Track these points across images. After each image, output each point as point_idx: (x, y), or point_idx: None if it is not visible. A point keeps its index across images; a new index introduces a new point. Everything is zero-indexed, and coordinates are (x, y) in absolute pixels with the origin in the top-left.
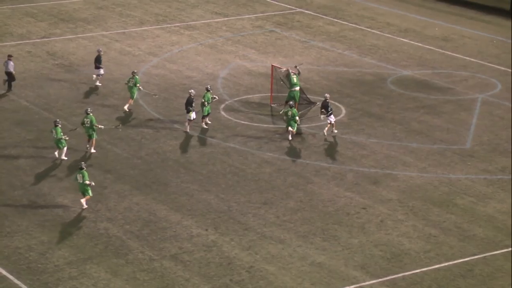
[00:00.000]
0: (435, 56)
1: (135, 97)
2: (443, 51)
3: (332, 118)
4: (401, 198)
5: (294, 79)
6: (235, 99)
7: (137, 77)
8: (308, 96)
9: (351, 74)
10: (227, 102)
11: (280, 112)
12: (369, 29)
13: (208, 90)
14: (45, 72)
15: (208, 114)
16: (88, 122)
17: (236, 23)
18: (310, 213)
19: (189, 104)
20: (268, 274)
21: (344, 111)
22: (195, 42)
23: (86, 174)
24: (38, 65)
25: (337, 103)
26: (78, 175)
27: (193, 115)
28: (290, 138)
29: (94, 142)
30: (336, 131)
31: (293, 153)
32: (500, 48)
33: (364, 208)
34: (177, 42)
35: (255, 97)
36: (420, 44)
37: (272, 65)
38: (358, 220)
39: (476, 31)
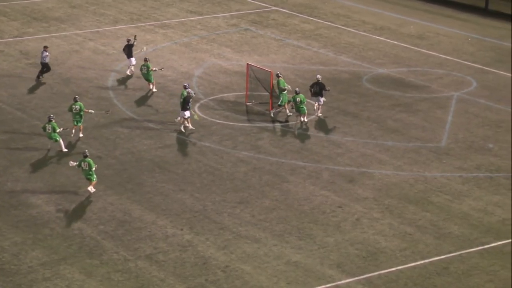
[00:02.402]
0: (411, 54)
1: (152, 80)
2: (418, 49)
3: (321, 101)
4: (376, 197)
5: (281, 82)
6: (210, 98)
7: (148, 63)
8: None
9: (326, 72)
10: (202, 101)
11: (288, 112)
12: (344, 27)
13: (185, 88)
14: (18, 71)
15: (189, 116)
16: (77, 109)
17: (211, 22)
18: (286, 212)
19: (186, 102)
20: (244, 273)
21: (320, 109)
22: (169, 40)
23: (91, 161)
24: (11, 65)
25: (312, 102)
26: (83, 163)
27: (187, 113)
28: (303, 120)
29: (82, 127)
30: (320, 114)
31: (269, 151)
32: (476, 46)
33: (339, 207)
34: (152, 41)
35: (230, 96)
36: (395, 42)
37: (247, 64)
38: (334, 218)
39: (451, 29)
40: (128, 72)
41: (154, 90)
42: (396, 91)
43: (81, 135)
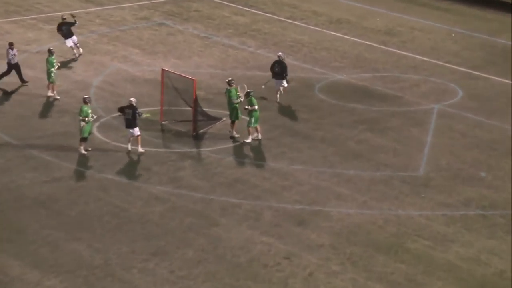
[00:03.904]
0: (377, 54)
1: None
2: (387, 48)
3: (285, 83)
4: (335, 243)
5: (234, 93)
6: (113, 115)
7: (52, 57)
8: (209, 110)
9: (266, 79)
10: (102, 120)
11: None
12: (290, 20)
13: (86, 103)
14: None
15: (89, 134)
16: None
17: (114, 14)
18: (215, 266)
19: (134, 118)
20: None
21: (258, 129)
22: (58, 39)
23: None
24: None
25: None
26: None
27: (136, 130)
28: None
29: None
30: (279, 101)
31: (192, 185)
32: (460, 43)
33: (287, 258)
34: (35, 40)
35: (140, 112)
36: (357, 40)
37: (162, 70)
38: (279, 273)
39: (429, 22)
40: (76, 54)
41: (56, 96)
42: (359, 103)
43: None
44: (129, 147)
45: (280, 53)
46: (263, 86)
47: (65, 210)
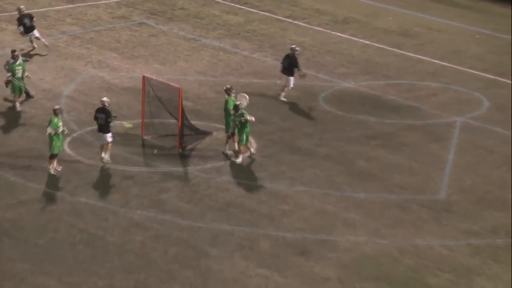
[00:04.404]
0: (390, 59)
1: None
2: (401, 51)
3: (292, 82)
4: (343, 277)
5: (231, 103)
6: (87, 129)
7: (22, 60)
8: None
9: (263, 87)
10: (75, 134)
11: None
12: (290, 20)
13: (56, 114)
14: None
15: (60, 151)
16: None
17: (88, 13)
18: None
19: (107, 123)
20: None
21: (254, 145)
22: (23, 41)
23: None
24: None
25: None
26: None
27: (108, 136)
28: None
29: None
30: (284, 98)
31: (178, 210)
32: (486, 46)
33: None
34: None
35: (117, 125)
36: (366, 42)
37: (143, 76)
38: None
39: (449, 21)
40: (46, 42)
41: (19, 108)
42: (370, 115)
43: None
44: (102, 155)
45: (294, 46)
46: (278, 82)
47: (32, 238)
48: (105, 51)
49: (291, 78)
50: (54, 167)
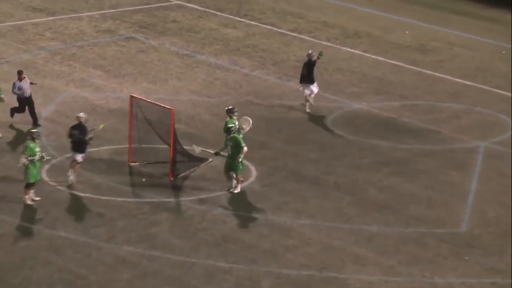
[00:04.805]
0: (406, 77)
1: None
2: (418, 68)
3: (315, 88)
4: None
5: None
6: (68, 155)
7: None
8: (194, 147)
9: (265, 109)
10: (54, 161)
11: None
12: (294, 34)
13: (33, 139)
14: None
15: (37, 180)
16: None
17: (69, 26)
18: None
19: (79, 140)
20: None
21: (254, 172)
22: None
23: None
24: None
25: (245, 161)
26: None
27: (79, 157)
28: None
29: None
30: (309, 110)
31: (170, 245)
32: None
33: None
34: None
35: (102, 150)
36: (380, 58)
37: (131, 97)
38: None
39: (472, 36)
40: None
41: None
42: (383, 139)
43: None
44: (69, 173)
45: (310, 51)
46: (300, 88)
47: (6, 277)
48: (88, 68)
49: (313, 86)
50: (31, 197)
